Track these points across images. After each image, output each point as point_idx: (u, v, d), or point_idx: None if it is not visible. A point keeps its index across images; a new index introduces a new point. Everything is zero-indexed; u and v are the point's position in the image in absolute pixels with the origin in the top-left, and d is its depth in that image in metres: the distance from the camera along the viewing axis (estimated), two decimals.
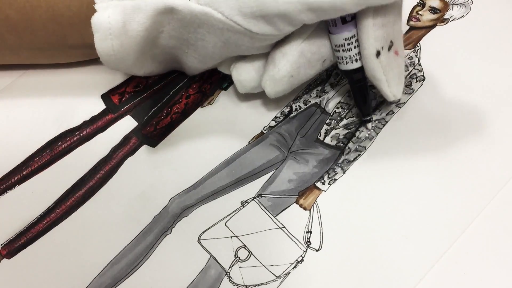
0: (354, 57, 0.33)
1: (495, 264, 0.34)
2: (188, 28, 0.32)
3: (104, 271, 0.34)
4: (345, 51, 0.33)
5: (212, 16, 0.30)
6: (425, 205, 0.35)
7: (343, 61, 0.33)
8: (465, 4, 0.44)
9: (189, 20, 0.31)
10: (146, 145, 0.38)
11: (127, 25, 0.30)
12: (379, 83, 0.33)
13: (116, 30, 0.30)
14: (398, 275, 0.33)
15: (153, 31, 0.32)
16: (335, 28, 0.32)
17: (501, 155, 0.37)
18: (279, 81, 0.34)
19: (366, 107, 0.36)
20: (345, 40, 0.32)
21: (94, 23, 0.30)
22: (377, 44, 0.31)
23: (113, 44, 0.30)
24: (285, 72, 0.33)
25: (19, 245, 0.35)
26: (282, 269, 0.34)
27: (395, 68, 0.33)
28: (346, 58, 0.33)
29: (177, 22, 0.31)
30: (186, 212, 0.36)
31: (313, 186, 0.36)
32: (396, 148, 0.37)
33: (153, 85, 0.40)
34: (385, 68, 0.32)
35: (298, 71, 0.34)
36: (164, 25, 0.32)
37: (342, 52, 0.33)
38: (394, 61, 0.32)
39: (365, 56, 0.32)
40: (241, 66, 0.36)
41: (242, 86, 0.37)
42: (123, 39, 0.30)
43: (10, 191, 0.36)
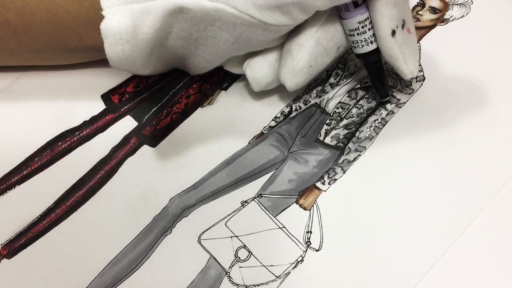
0: (369, 39, 0.33)
1: (495, 264, 0.34)
2: (198, 26, 0.32)
3: (104, 271, 0.34)
4: (359, 35, 0.33)
5: (225, 11, 0.30)
6: (425, 205, 0.35)
7: (359, 45, 0.34)
8: (465, 4, 0.44)
9: (200, 18, 0.31)
10: (146, 145, 0.38)
11: (137, 28, 0.30)
12: (396, 62, 0.34)
13: (127, 34, 0.29)
14: (398, 275, 0.33)
15: (162, 33, 0.31)
16: (348, 13, 0.32)
17: (501, 155, 0.37)
18: (299, 73, 0.34)
19: (384, 88, 0.37)
20: (359, 23, 0.32)
21: (103, 29, 0.29)
22: (392, 23, 0.32)
23: (123, 48, 0.30)
24: (304, 63, 0.34)
25: (19, 245, 0.35)
26: (282, 269, 0.34)
27: (410, 45, 0.33)
28: (362, 41, 0.33)
29: (186, 22, 0.31)
30: (186, 212, 0.36)
31: (313, 186, 0.36)
32: (396, 148, 0.37)
33: (153, 85, 0.40)
34: (401, 46, 0.33)
35: (316, 60, 0.34)
36: (172, 25, 0.31)
37: (356, 36, 0.33)
38: (408, 39, 0.33)
39: (381, 36, 0.32)
40: (255, 63, 0.36)
41: (258, 83, 0.37)
42: (133, 43, 0.30)
43: (10, 191, 0.36)
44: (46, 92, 0.40)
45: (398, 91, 0.39)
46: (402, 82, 0.40)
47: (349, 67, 0.41)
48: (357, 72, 0.40)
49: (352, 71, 0.40)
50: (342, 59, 0.41)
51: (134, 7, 0.29)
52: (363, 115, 0.39)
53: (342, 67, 0.41)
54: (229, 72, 0.39)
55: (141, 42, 0.30)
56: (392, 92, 0.39)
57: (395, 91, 0.39)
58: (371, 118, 0.38)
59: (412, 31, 0.34)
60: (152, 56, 0.33)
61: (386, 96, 0.38)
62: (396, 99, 0.39)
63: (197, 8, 0.30)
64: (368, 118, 0.38)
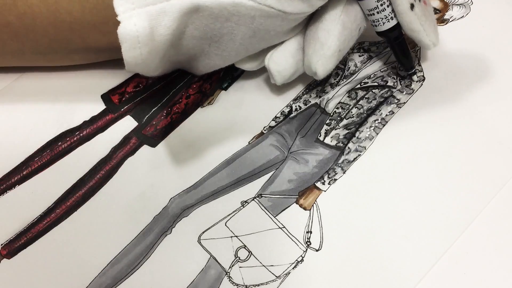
0: (389, 16, 0.34)
1: (495, 264, 0.34)
2: (214, 24, 0.31)
3: (104, 271, 0.34)
4: (379, 13, 0.34)
5: (243, 5, 0.30)
6: (425, 205, 0.35)
7: (380, 23, 0.34)
8: (465, 4, 0.44)
9: (216, 15, 0.31)
10: (146, 145, 0.38)
11: (154, 30, 0.29)
12: (417, 34, 0.34)
13: (145, 37, 0.29)
14: (398, 275, 0.33)
15: (178, 33, 0.31)
16: None
17: (501, 155, 0.37)
18: (330, 58, 0.35)
19: (409, 61, 0.38)
20: (377, 1, 0.33)
21: (121, 33, 0.29)
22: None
23: (141, 52, 0.30)
24: (335, 47, 0.34)
25: (19, 245, 0.35)
26: (282, 269, 0.34)
27: (429, 17, 0.34)
28: (382, 19, 0.34)
29: (202, 20, 0.31)
30: (186, 212, 0.36)
31: (313, 186, 0.36)
32: (396, 148, 0.37)
33: (153, 85, 0.40)
34: (420, 18, 0.34)
35: (344, 43, 0.35)
36: (187, 25, 0.31)
37: (376, 15, 0.34)
38: (426, 11, 0.34)
39: (400, 12, 0.33)
40: (277, 55, 0.36)
41: (282, 76, 0.37)
42: (151, 46, 0.30)
43: (10, 191, 0.36)
44: (46, 92, 0.40)
45: (398, 91, 0.39)
46: (402, 82, 0.40)
47: (349, 67, 0.41)
48: (357, 72, 0.40)
49: (352, 71, 0.40)
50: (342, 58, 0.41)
51: (149, 9, 0.29)
52: (363, 115, 0.39)
53: (342, 67, 0.41)
54: (229, 72, 0.40)
55: (158, 44, 0.30)
56: (392, 93, 0.39)
57: (395, 91, 0.39)
58: (371, 118, 0.38)
59: (428, 2, 0.35)
60: (165, 58, 0.33)
61: (412, 68, 0.39)
62: (396, 99, 0.39)
63: (214, 5, 0.30)
64: (368, 118, 0.38)
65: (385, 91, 0.39)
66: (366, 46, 0.42)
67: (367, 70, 0.40)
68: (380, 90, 0.39)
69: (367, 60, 0.41)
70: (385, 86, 0.40)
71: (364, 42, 0.42)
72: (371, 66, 0.41)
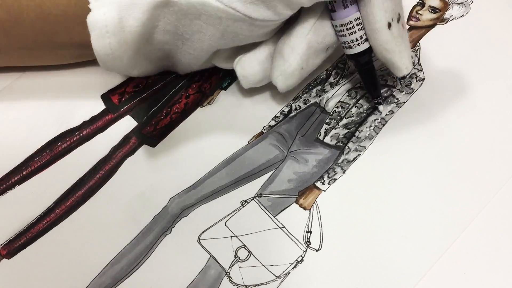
0: (360, 39, 0.33)
1: (495, 264, 0.34)
2: (184, 20, 0.31)
3: (104, 271, 0.34)
4: (351, 35, 0.33)
5: (210, 5, 0.30)
6: (425, 205, 0.35)
7: (351, 44, 0.34)
8: (465, 3, 0.44)
9: (186, 12, 0.31)
10: (146, 145, 0.38)
11: (123, 21, 0.30)
12: (392, 55, 0.33)
13: (113, 27, 0.30)
14: (398, 275, 0.33)
15: (149, 26, 0.31)
16: (339, 13, 0.32)
17: (501, 155, 0.37)
18: (291, 75, 0.34)
19: (376, 89, 0.37)
20: (350, 23, 0.33)
21: (90, 21, 0.30)
22: (388, 15, 0.32)
23: (110, 42, 0.30)
24: (296, 65, 0.34)
25: (19, 245, 0.35)
26: (282, 269, 0.34)
27: (404, 40, 0.33)
28: (353, 41, 0.33)
29: (172, 15, 0.31)
30: (186, 212, 0.36)
31: (313, 186, 0.36)
32: (396, 148, 0.37)
33: (153, 85, 0.40)
34: (397, 39, 0.33)
35: (307, 62, 0.34)
36: (159, 19, 0.31)
37: (348, 36, 0.33)
38: (403, 33, 0.33)
39: (377, 29, 0.32)
40: (245, 61, 0.36)
41: (247, 81, 0.37)
42: (120, 36, 0.30)
43: (10, 191, 0.36)
44: (46, 92, 0.40)
45: (398, 91, 0.39)
46: (402, 82, 0.40)
47: (348, 66, 0.41)
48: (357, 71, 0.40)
49: (352, 71, 0.40)
50: (341, 58, 0.41)
51: (120, 0, 0.30)
52: (363, 114, 0.39)
53: (341, 66, 0.41)
54: (229, 72, 0.39)
55: (127, 35, 0.30)
56: (392, 92, 0.39)
57: (395, 91, 0.39)
58: (371, 118, 0.38)
59: (405, 26, 0.34)
60: (139, 54, 0.33)
61: (377, 97, 0.37)
62: (396, 99, 0.39)
63: (183, 1, 0.30)
64: (368, 117, 0.38)
65: (384, 91, 0.39)
66: None
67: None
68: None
69: None
70: (385, 86, 0.40)
71: None
72: None
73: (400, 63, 0.34)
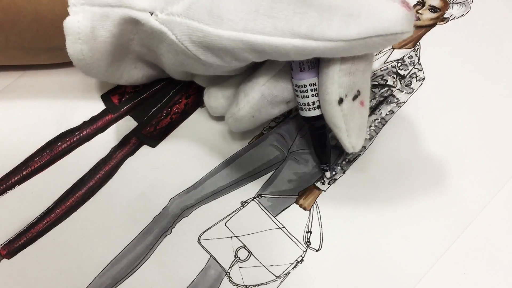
0: (313, 104, 0.31)
1: (495, 264, 0.34)
2: (152, 40, 0.32)
3: (104, 271, 0.34)
4: (304, 98, 0.31)
5: (168, 36, 0.30)
6: (425, 205, 0.35)
7: (303, 107, 0.32)
8: (465, 3, 0.44)
9: (150, 34, 0.31)
10: (146, 145, 0.38)
11: (95, 31, 0.31)
12: (338, 131, 0.31)
13: (85, 35, 0.30)
14: (398, 275, 0.33)
15: (123, 38, 0.32)
16: (295, 74, 0.31)
17: (501, 155, 0.37)
18: (240, 120, 0.34)
19: (325, 155, 0.35)
20: (304, 86, 0.31)
21: (65, 26, 0.30)
22: (341, 90, 0.29)
23: (82, 48, 0.31)
24: (245, 112, 0.33)
25: (19, 245, 0.35)
26: (282, 269, 0.34)
27: (358, 119, 0.31)
28: (305, 104, 0.31)
29: (143, 33, 0.32)
30: (186, 212, 0.36)
31: (313, 186, 0.36)
32: (396, 148, 0.37)
33: (153, 85, 0.40)
34: (346, 116, 0.30)
35: (259, 111, 0.33)
36: (134, 33, 0.32)
37: (301, 98, 0.31)
38: (358, 111, 0.30)
39: (326, 101, 0.30)
40: (212, 92, 0.36)
41: (214, 111, 0.37)
42: (91, 44, 0.31)
43: (10, 191, 0.36)
44: (46, 92, 0.40)
45: (398, 91, 0.39)
46: (402, 82, 0.40)
47: None
48: None
49: None
50: None
51: (96, 11, 0.30)
52: None
53: None
54: None
55: (99, 45, 0.31)
56: (392, 92, 0.39)
57: (395, 91, 0.39)
58: (371, 118, 0.38)
59: (366, 104, 0.31)
60: (119, 62, 0.34)
61: (325, 163, 0.36)
62: (396, 99, 0.39)
63: (147, 25, 0.30)
64: (368, 117, 0.38)
65: (384, 90, 0.39)
66: None
67: None
68: (380, 89, 0.39)
69: None
70: (385, 85, 0.40)
71: None
72: None
73: (346, 141, 0.31)
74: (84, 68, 0.33)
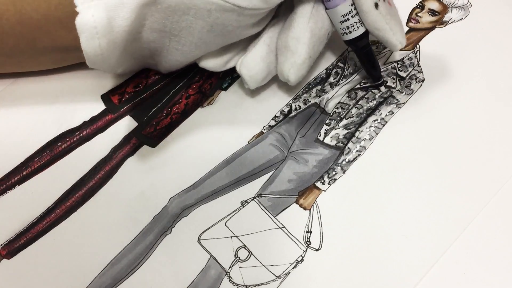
0: (356, 25, 0.34)
1: (495, 264, 0.34)
2: (172, 17, 0.32)
3: (104, 271, 0.34)
4: (351, 19, 0.34)
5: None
6: (425, 205, 0.35)
7: (350, 29, 0.35)
8: (464, 7, 0.44)
9: (174, 8, 0.31)
10: (146, 145, 0.38)
11: (112, 21, 0.30)
12: (384, 33, 0.34)
13: (102, 28, 0.30)
14: (398, 275, 0.33)
15: (137, 25, 0.32)
16: (331, 3, 0.34)
17: (501, 155, 0.37)
18: (301, 65, 0.35)
19: (376, 71, 0.38)
20: (351, 5, 0.34)
21: (78, 24, 0.30)
22: None
23: (100, 43, 0.30)
24: (306, 54, 0.35)
25: (19, 245, 0.35)
26: (282, 269, 0.34)
27: (394, 17, 0.35)
28: (353, 25, 0.34)
29: (160, 13, 0.31)
30: (186, 212, 0.36)
31: (313, 186, 0.36)
32: (395, 148, 0.38)
33: (153, 85, 0.40)
34: (385, 17, 0.34)
35: (313, 50, 0.35)
36: (147, 17, 0.32)
37: (348, 21, 0.34)
38: (391, 10, 0.34)
39: (365, 11, 0.33)
40: (248, 61, 0.37)
41: (255, 80, 0.37)
42: (109, 37, 0.30)
43: (10, 191, 0.36)
44: (46, 92, 0.40)
45: (398, 92, 0.40)
46: (401, 83, 0.40)
47: (348, 66, 0.41)
48: (357, 71, 0.40)
49: (352, 71, 0.41)
50: (341, 57, 0.41)
51: (107, 1, 0.30)
52: (363, 115, 0.39)
53: (341, 66, 0.41)
54: (229, 72, 0.40)
55: (117, 35, 0.31)
56: (392, 93, 0.39)
57: (395, 92, 0.40)
58: (371, 118, 0.38)
59: (393, 3, 0.35)
60: (126, 52, 0.33)
61: (379, 79, 0.39)
62: (396, 100, 0.39)
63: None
64: (368, 118, 0.39)
65: (384, 91, 0.40)
66: None
67: None
68: (379, 90, 0.40)
69: None
70: (385, 86, 0.40)
71: None
72: None
73: (393, 39, 0.35)
74: (98, 63, 0.32)
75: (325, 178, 0.37)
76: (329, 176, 0.37)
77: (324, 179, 0.37)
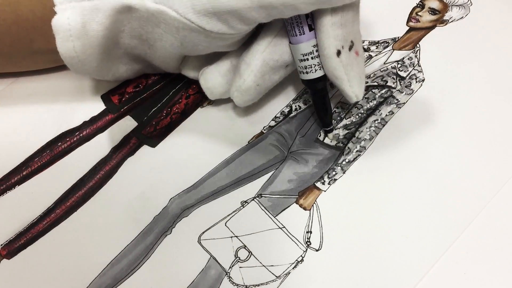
0: (315, 66, 0.33)
1: (495, 264, 0.34)
2: (146, 27, 0.32)
3: (104, 271, 0.34)
4: (313, 58, 0.33)
5: (167, 14, 0.30)
6: (425, 205, 0.35)
7: (308, 70, 0.33)
8: (464, 5, 0.44)
9: (146, 19, 0.31)
10: (146, 145, 0.38)
11: (86, 25, 0.31)
12: (340, 82, 0.33)
13: (76, 31, 0.30)
14: (398, 275, 0.33)
15: (114, 31, 0.32)
16: (303, 36, 0.32)
17: (501, 155, 0.37)
18: (246, 91, 0.34)
19: (327, 117, 0.37)
20: (313, 47, 0.32)
21: (54, 25, 0.30)
22: (337, 43, 0.31)
23: (74, 45, 0.31)
24: (251, 82, 0.34)
25: (19, 246, 0.35)
26: (282, 269, 0.34)
27: (356, 68, 0.33)
28: (311, 66, 0.33)
29: (136, 21, 0.32)
30: (186, 212, 0.36)
31: (313, 186, 0.36)
32: (396, 148, 0.37)
33: (153, 85, 0.40)
34: (346, 67, 0.32)
35: (263, 79, 0.34)
36: (124, 24, 0.32)
37: (307, 61, 0.33)
38: (355, 61, 0.32)
39: (325, 56, 0.32)
40: (207, 73, 0.36)
41: (211, 92, 0.37)
42: (84, 40, 0.31)
43: (10, 192, 0.36)
44: (46, 92, 0.40)
45: (398, 92, 0.39)
46: (401, 83, 0.40)
47: None
48: None
49: None
50: None
51: (84, 5, 0.30)
52: (363, 115, 0.39)
53: None
54: None
55: (92, 39, 0.31)
56: (392, 93, 0.39)
57: (395, 92, 0.39)
58: (371, 118, 0.38)
59: (361, 54, 0.33)
60: (108, 57, 0.34)
61: (328, 125, 0.37)
62: (396, 100, 0.39)
63: (143, 9, 0.30)
64: (368, 118, 0.38)
65: (384, 91, 0.39)
66: (365, 46, 0.42)
67: (366, 70, 0.40)
68: (379, 90, 0.40)
69: (367, 59, 0.41)
70: (385, 86, 0.40)
71: (363, 41, 0.42)
72: (370, 65, 0.41)
73: (349, 91, 0.33)
74: (76, 66, 0.32)
75: (325, 178, 0.37)
76: (329, 176, 0.37)
77: (324, 179, 0.37)
